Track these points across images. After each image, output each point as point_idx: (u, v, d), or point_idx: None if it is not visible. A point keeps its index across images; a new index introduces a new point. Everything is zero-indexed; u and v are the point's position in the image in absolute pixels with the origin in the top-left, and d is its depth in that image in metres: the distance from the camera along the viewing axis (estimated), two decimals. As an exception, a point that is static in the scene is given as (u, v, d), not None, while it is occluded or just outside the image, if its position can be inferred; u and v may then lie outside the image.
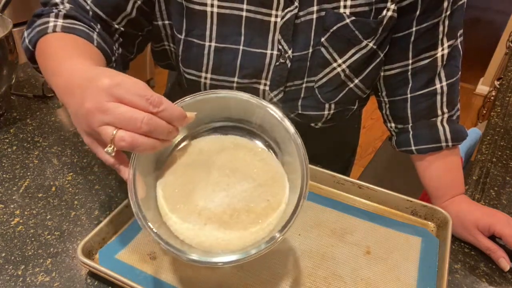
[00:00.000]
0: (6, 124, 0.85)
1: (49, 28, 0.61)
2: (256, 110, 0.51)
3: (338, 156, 1.00)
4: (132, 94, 0.42)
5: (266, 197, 0.49)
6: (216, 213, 0.48)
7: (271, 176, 0.51)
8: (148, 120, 0.42)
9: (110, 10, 0.67)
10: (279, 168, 0.52)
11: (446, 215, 0.67)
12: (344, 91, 0.74)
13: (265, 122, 0.52)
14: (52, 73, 0.55)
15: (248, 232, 0.47)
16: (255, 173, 0.51)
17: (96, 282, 0.56)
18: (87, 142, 0.48)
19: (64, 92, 0.50)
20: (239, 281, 0.57)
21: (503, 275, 0.65)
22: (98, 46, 0.63)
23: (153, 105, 0.42)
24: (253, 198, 0.49)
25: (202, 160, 0.52)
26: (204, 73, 0.71)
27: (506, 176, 0.88)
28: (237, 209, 0.48)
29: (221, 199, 0.49)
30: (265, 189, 0.50)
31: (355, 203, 0.73)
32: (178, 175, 0.51)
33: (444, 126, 0.73)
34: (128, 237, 0.61)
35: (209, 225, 0.47)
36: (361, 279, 0.59)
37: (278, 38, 0.68)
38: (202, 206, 0.48)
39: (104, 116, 0.42)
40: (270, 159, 0.53)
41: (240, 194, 0.49)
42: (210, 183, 0.50)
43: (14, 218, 0.64)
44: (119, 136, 0.42)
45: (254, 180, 0.51)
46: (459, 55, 0.73)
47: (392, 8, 0.65)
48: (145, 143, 0.43)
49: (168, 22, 0.71)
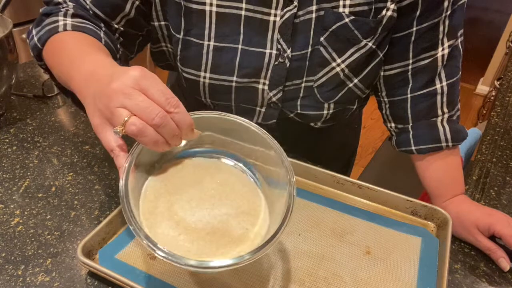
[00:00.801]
0: (6, 124, 0.85)
1: (60, 27, 0.62)
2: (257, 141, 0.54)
3: (338, 156, 1.00)
4: (156, 89, 0.45)
5: (246, 225, 0.50)
6: (194, 227, 0.49)
7: (254, 208, 0.53)
8: (162, 115, 0.44)
9: (109, 10, 0.67)
10: (263, 202, 0.54)
11: (446, 215, 0.67)
12: (343, 90, 0.74)
13: (264, 161, 0.55)
14: (71, 66, 0.56)
15: (219, 253, 0.48)
16: (241, 201, 0.53)
17: (96, 282, 0.56)
18: (95, 123, 0.49)
19: (85, 82, 0.51)
20: (239, 281, 0.57)
21: (503, 275, 0.65)
22: (105, 44, 0.63)
23: (170, 104, 0.45)
24: (233, 223, 0.50)
25: (194, 177, 0.54)
26: (203, 72, 0.71)
27: (506, 176, 0.88)
28: (214, 229, 0.49)
29: (202, 216, 0.50)
30: (247, 218, 0.51)
31: (355, 203, 0.72)
32: (168, 182, 0.53)
33: (444, 126, 0.73)
34: (128, 237, 0.61)
35: (183, 236, 0.48)
36: (361, 279, 0.59)
37: (277, 37, 0.68)
38: (181, 217, 0.49)
39: (125, 99, 0.44)
40: (257, 192, 0.55)
41: (221, 216, 0.51)
42: (196, 198, 0.52)
43: (14, 218, 0.64)
44: (131, 121, 0.44)
45: (239, 207, 0.52)
46: (460, 55, 0.73)
47: (391, 8, 0.65)
48: (151, 135, 0.45)
49: (164, 23, 0.71)
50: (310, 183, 0.75)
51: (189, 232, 0.48)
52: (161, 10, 0.70)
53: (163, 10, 0.70)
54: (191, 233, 0.48)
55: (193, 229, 0.49)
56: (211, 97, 0.75)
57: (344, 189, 0.74)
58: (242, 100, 0.75)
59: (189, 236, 0.48)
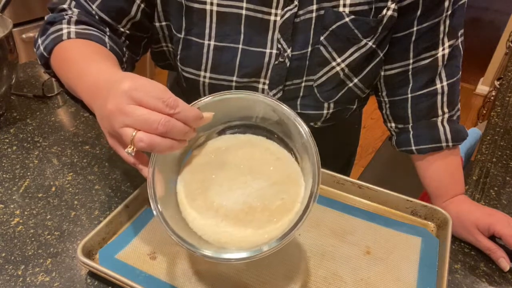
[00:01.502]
0: (6, 124, 0.85)
1: (64, 35, 0.62)
2: (272, 112, 0.52)
3: (339, 156, 1.00)
4: (150, 97, 0.44)
5: (281, 195, 0.50)
6: (232, 210, 0.50)
7: (286, 175, 0.52)
8: (164, 122, 0.44)
9: (115, 14, 0.67)
10: (295, 167, 0.53)
11: (446, 215, 0.67)
12: (343, 90, 0.74)
13: (282, 123, 0.53)
14: (77, 76, 0.57)
15: (262, 231, 0.49)
16: (271, 171, 0.52)
17: (96, 282, 0.56)
18: (110, 143, 0.50)
19: (91, 94, 0.52)
20: (239, 281, 0.57)
21: (503, 275, 0.65)
22: (111, 49, 0.64)
23: (169, 107, 0.44)
24: (269, 196, 0.50)
25: (219, 159, 0.54)
26: (203, 72, 0.71)
27: (506, 176, 0.88)
28: (253, 207, 0.50)
29: (237, 197, 0.50)
30: (281, 188, 0.51)
31: (355, 203, 0.72)
32: (196, 173, 0.53)
33: (445, 126, 0.73)
34: (128, 237, 0.61)
35: (225, 222, 0.49)
36: (361, 279, 0.59)
37: (278, 37, 0.68)
38: (218, 204, 0.50)
39: (124, 118, 0.44)
40: (286, 158, 0.53)
41: (256, 192, 0.51)
42: (227, 181, 0.52)
43: (14, 218, 0.64)
44: (138, 137, 0.44)
45: (270, 178, 0.52)
46: (460, 55, 0.73)
47: (392, 8, 0.65)
48: (162, 144, 0.45)
49: (166, 23, 0.71)
50: (310, 183, 0.75)
51: (229, 217, 0.49)
52: (162, 11, 0.70)
53: (164, 11, 0.70)
54: (232, 218, 0.49)
55: (232, 213, 0.50)
56: None
57: (344, 189, 0.74)
58: None
59: (230, 221, 0.49)
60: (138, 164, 0.50)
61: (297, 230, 0.46)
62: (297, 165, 0.53)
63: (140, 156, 0.50)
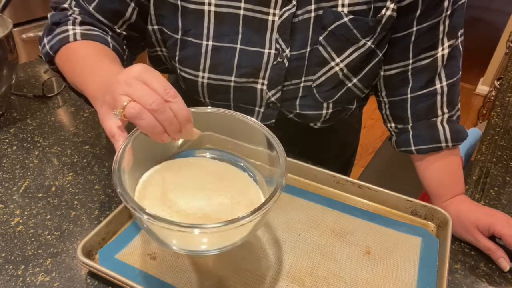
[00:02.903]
0: (6, 124, 0.85)
1: (70, 36, 0.65)
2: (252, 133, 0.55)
3: (339, 156, 1.00)
4: (155, 80, 0.48)
5: (238, 213, 0.50)
6: (185, 211, 0.50)
7: (251, 200, 0.53)
8: (159, 102, 0.47)
9: (110, 16, 0.69)
10: (261, 197, 0.54)
11: (446, 215, 0.67)
12: (342, 90, 0.74)
13: (264, 160, 0.55)
14: (85, 77, 0.60)
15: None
16: (238, 194, 0.54)
17: (96, 282, 0.56)
18: (101, 114, 0.53)
19: (99, 88, 0.55)
20: (240, 281, 0.57)
21: (503, 275, 0.65)
22: (113, 48, 0.66)
23: (169, 95, 0.48)
24: (226, 212, 0.51)
25: (193, 173, 0.56)
26: (202, 72, 0.71)
27: (506, 176, 0.88)
28: (207, 215, 0.50)
29: (195, 203, 0.51)
30: (242, 209, 0.52)
31: (355, 203, 0.72)
32: (166, 173, 0.54)
33: (444, 126, 0.73)
34: (128, 237, 0.61)
35: (174, 218, 0.49)
36: (361, 279, 0.59)
37: (276, 37, 0.68)
38: (174, 202, 0.51)
39: (127, 87, 0.48)
40: (256, 189, 0.56)
41: (215, 206, 0.52)
42: (192, 189, 0.53)
43: (14, 218, 0.64)
44: (131, 104, 0.47)
45: (234, 198, 0.53)
46: (460, 55, 0.73)
47: (391, 8, 0.65)
48: (148, 118, 0.47)
49: (158, 27, 0.72)
50: (310, 183, 0.75)
51: (180, 216, 0.49)
52: (154, 15, 0.70)
53: (156, 14, 0.70)
54: (182, 217, 0.49)
55: (185, 213, 0.50)
56: (209, 97, 0.75)
57: (344, 189, 0.74)
58: (241, 100, 0.75)
59: (180, 219, 0.48)
60: (117, 133, 0.51)
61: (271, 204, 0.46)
62: (262, 195, 0.54)
63: (122, 131, 0.51)
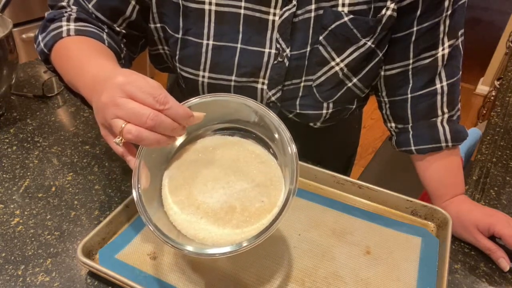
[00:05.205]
0: (6, 124, 0.85)
1: (63, 32, 0.64)
2: (259, 117, 0.54)
3: (339, 156, 1.00)
4: (142, 92, 0.46)
5: (262, 198, 0.52)
6: (213, 209, 0.51)
7: (269, 178, 0.53)
8: (153, 117, 0.45)
9: (110, 14, 0.68)
10: (278, 171, 0.54)
11: (446, 215, 0.67)
12: (342, 90, 0.74)
13: (267, 128, 0.54)
14: (77, 72, 0.58)
15: (240, 230, 0.50)
16: (255, 174, 0.54)
17: (96, 282, 0.56)
18: (103, 134, 0.52)
19: (91, 89, 0.54)
20: (239, 281, 0.57)
21: (503, 275, 0.65)
22: (109, 45, 0.65)
23: (159, 103, 0.46)
24: (249, 198, 0.52)
25: (206, 158, 0.55)
26: (202, 71, 0.71)
27: (506, 176, 0.88)
28: (233, 207, 0.51)
29: (219, 196, 0.52)
30: (262, 190, 0.52)
31: (355, 203, 0.72)
32: (183, 169, 0.54)
33: (444, 126, 0.73)
34: (128, 237, 0.61)
35: (204, 219, 0.50)
36: (361, 279, 0.59)
37: (276, 36, 0.68)
38: (200, 201, 0.52)
39: (116, 109, 0.46)
40: (270, 162, 0.55)
41: (238, 193, 0.52)
42: (211, 180, 0.53)
43: (14, 218, 0.64)
44: (127, 129, 0.45)
45: (253, 180, 0.53)
46: (460, 55, 0.73)
47: (391, 7, 0.65)
48: (149, 138, 0.46)
49: (160, 25, 0.72)
50: (310, 183, 0.75)
51: (209, 215, 0.51)
52: (157, 12, 0.70)
53: (159, 12, 0.70)
54: (212, 215, 0.51)
55: (213, 211, 0.51)
56: None
57: (344, 189, 0.74)
58: None
59: (210, 219, 0.50)
60: (127, 155, 0.51)
61: (277, 225, 0.47)
62: (279, 170, 0.54)
63: (129, 148, 0.51)
